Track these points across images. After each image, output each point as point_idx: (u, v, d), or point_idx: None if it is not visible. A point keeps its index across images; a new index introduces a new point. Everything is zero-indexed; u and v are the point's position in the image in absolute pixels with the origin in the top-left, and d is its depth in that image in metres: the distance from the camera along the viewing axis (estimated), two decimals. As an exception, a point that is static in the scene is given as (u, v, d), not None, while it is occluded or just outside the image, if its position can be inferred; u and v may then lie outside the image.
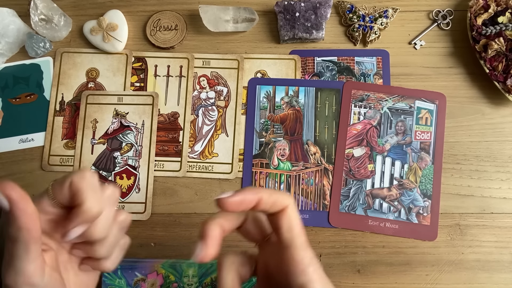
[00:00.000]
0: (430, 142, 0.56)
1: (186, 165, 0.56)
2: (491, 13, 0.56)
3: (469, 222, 0.54)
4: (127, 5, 0.61)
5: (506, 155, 0.56)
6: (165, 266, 0.47)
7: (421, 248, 0.54)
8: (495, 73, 0.55)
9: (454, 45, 0.59)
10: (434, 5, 0.60)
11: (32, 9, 0.57)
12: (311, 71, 0.59)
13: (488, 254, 0.53)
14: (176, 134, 0.57)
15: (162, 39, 0.59)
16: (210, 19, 0.58)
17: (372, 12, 0.59)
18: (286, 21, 0.58)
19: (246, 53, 0.59)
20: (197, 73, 0.59)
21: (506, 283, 0.53)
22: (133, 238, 0.54)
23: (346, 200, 0.55)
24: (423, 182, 0.55)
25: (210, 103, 0.58)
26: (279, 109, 0.58)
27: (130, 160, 0.56)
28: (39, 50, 0.58)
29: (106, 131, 0.57)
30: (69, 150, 0.57)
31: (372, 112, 0.57)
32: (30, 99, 0.58)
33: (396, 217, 0.54)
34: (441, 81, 0.58)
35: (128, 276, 0.47)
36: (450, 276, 0.53)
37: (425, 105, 0.57)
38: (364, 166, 0.56)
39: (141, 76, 0.59)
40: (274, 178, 0.56)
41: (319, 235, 0.54)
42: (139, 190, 0.55)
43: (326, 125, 0.57)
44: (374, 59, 0.59)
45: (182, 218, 0.55)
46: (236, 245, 0.54)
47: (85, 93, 0.58)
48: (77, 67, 0.59)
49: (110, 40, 0.58)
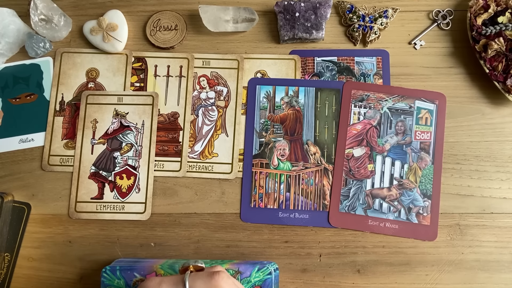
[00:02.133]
0: (430, 142, 0.56)
1: (186, 165, 0.56)
2: (491, 13, 0.56)
3: (469, 222, 0.54)
4: (127, 5, 0.61)
5: (506, 155, 0.56)
6: (164, 267, 0.47)
7: (421, 248, 0.54)
8: (495, 73, 0.55)
9: (454, 45, 0.59)
10: (434, 5, 0.60)
11: (32, 9, 0.57)
12: (311, 71, 0.59)
13: (488, 254, 0.53)
14: (176, 134, 0.57)
15: (162, 39, 0.59)
16: (210, 19, 0.58)
17: (372, 12, 0.59)
18: (286, 21, 0.58)
19: (246, 53, 0.59)
20: (197, 73, 0.59)
21: (506, 283, 0.53)
22: (133, 238, 0.55)
23: (346, 200, 0.55)
24: (423, 182, 0.55)
25: (210, 103, 0.58)
26: (279, 109, 0.58)
27: (130, 160, 0.56)
28: (39, 50, 0.58)
29: (106, 131, 0.57)
30: (69, 150, 0.57)
31: (372, 112, 0.57)
32: (30, 99, 0.58)
33: (396, 217, 0.54)
34: (441, 81, 0.58)
35: (127, 277, 0.47)
36: (450, 276, 0.53)
37: (425, 105, 0.57)
38: (364, 166, 0.56)
39: (141, 76, 0.59)
40: (274, 178, 0.56)
41: (319, 235, 0.54)
42: (139, 190, 0.55)
43: (326, 125, 0.57)
44: (374, 59, 0.59)
45: (182, 218, 0.55)
46: (236, 245, 0.54)
47: (85, 93, 0.58)
48: (77, 67, 0.59)
49: (110, 40, 0.58)
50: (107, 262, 0.53)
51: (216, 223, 0.55)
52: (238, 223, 0.55)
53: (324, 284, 0.53)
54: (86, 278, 0.54)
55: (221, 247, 0.54)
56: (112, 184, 0.56)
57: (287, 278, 0.53)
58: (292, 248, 0.54)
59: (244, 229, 0.55)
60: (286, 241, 0.54)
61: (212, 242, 0.54)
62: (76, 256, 0.54)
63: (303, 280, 0.53)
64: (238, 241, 0.54)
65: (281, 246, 0.54)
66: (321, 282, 0.53)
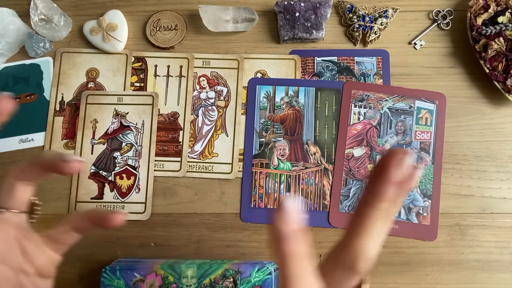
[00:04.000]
0: (430, 142, 0.56)
1: (186, 165, 0.56)
2: (491, 13, 0.56)
3: (469, 222, 0.54)
4: (127, 5, 0.61)
5: (506, 155, 0.56)
6: (164, 267, 0.47)
7: (421, 248, 0.54)
8: (495, 73, 0.55)
9: (454, 45, 0.59)
10: (434, 5, 0.60)
11: (32, 9, 0.57)
12: (311, 71, 0.59)
13: (488, 254, 0.53)
14: (176, 134, 0.57)
15: (162, 39, 0.59)
16: (210, 19, 0.58)
17: (372, 12, 0.59)
18: (286, 21, 0.58)
19: (246, 53, 0.59)
20: (197, 73, 0.59)
21: (506, 283, 0.53)
22: (133, 238, 0.55)
23: (346, 200, 0.55)
24: (423, 182, 0.55)
25: (210, 103, 0.58)
26: (279, 109, 0.58)
27: (130, 160, 0.56)
28: (39, 50, 0.58)
29: (106, 131, 0.57)
30: (69, 150, 0.57)
31: (372, 112, 0.57)
32: (30, 99, 0.58)
33: (396, 217, 0.54)
34: (441, 81, 0.58)
35: (127, 277, 0.47)
36: (450, 276, 0.53)
37: (425, 105, 0.57)
38: (364, 166, 0.56)
39: (141, 76, 0.59)
40: (274, 178, 0.56)
41: (319, 235, 0.54)
42: (139, 190, 0.55)
43: (326, 125, 0.57)
44: (374, 59, 0.59)
45: (182, 218, 0.55)
46: (236, 245, 0.54)
47: (85, 93, 0.58)
48: (77, 67, 0.59)
49: (110, 40, 0.58)
50: (107, 262, 0.53)
51: (216, 223, 0.55)
52: (238, 223, 0.55)
53: (324, 284, 0.53)
54: (86, 278, 0.53)
55: (221, 247, 0.54)
56: (112, 184, 0.56)
57: (287, 278, 0.53)
58: (292, 248, 0.54)
59: (244, 229, 0.54)
60: (286, 241, 0.54)
61: (212, 242, 0.54)
62: (76, 256, 0.54)
63: (303, 280, 0.53)
64: (238, 241, 0.54)
65: (281, 246, 0.54)
66: (321, 282, 0.53)
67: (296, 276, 0.21)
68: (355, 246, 0.22)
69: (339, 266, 0.22)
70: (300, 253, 0.21)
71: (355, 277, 0.22)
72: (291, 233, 0.21)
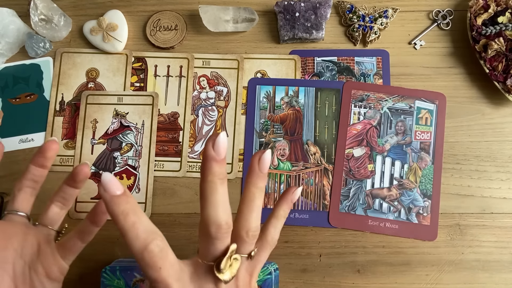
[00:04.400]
0: (430, 142, 0.56)
1: (186, 165, 0.56)
2: (491, 13, 0.56)
3: (469, 222, 0.54)
4: (127, 5, 0.61)
5: (506, 155, 0.56)
6: (165, 266, 0.47)
7: (421, 248, 0.54)
8: (495, 73, 0.55)
9: (454, 45, 0.59)
10: (434, 5, 0.60)
11: (32, 9, 0.57)
12: (311, 71, 0.59)
13: (488, 254, 0.53)
14: (176, 134, 0.57)
15: (162, 39, 0.59)
16: (210, 19, 0.58)
17: (372, 12, 0.59)
18: (286, 21, 0.58)
19: (246, 53, 0.59)
20: (197, 73, 0.59)
21: (506, 283, 0.53)
22: (133, 238, 0.54)
23: (346, 200, 0.55)
24: (423, 182, 0.55)
25: (210, 103, 0.58)
26: (279, 109, 0.58)
27: (130, 160, 0.56)
28: (39, 50, 0.58)
29: (106, 131, 0.57)
30: (69, 150, 0.57)
31: (372, 112, 0.57)
32: (30, 99, 0.58)
33: (396, 217, 0.54)
34: (441, 81, 0.58)
35: (127, 277, 0.47)
36: (450, 276, 0.53)
37: (425, 105, 0.57)
38: (364, 166, 0.56)
39: (141, 76, 0.59)
40: (274, 178, 0.56)
41: (319, 235, 0.54)
42: (139, 190, 0.55)
43: (326, 125, 0.57)
44: (374, 59, 0.59)
45: (182, 218, 0.55)
46: (236, 245, 0.54)
47: (85, 93, 0.58)
48: (77, 67, 0.59)
49: (110, 40, 0.58)
50: (107, 262, 0.53)
51: (216, 223, 0.55)
52: (238, 223, 0.55)
53: (324, 284, 0.53)
54: (86, 278, 0.53)
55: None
56: (112, 184, 0.56)
57: (287, 278, 0.53)
58: (292, 248, 0.54)
59: (244, 229, 0.54)
60: (286, 241, 0.54)
61: (212, 242, 0.54)
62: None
63: (303, 280, 0.53)
64: (238, 241, 0.54)
65: (281, 246, 0.54)
66: (321, 282, 0.53)
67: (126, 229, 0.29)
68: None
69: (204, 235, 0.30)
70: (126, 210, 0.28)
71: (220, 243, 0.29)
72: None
